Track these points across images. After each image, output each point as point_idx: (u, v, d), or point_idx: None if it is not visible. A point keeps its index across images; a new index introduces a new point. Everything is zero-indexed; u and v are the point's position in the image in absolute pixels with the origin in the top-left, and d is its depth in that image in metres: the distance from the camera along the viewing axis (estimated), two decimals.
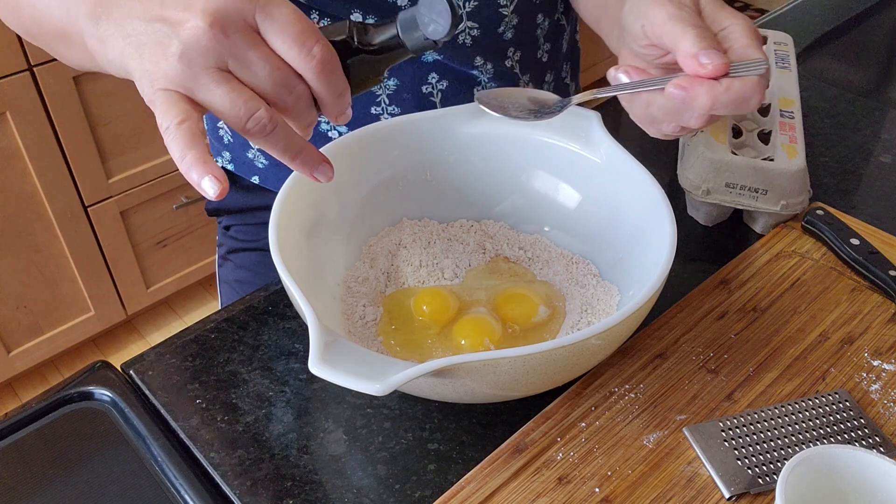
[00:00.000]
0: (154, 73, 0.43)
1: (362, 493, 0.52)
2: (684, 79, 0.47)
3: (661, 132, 0.53)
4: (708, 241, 0.73)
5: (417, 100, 0.75)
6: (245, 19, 0.43)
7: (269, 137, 0.45)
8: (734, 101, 0.46)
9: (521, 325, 0.61)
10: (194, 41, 0.42)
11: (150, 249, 1.76)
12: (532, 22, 0.77)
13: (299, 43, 0.43)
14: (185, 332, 0.64)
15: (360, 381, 0.44)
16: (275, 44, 0.44)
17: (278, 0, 0.43)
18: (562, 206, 0.68)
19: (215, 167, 0.43)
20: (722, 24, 0.49)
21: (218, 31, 0.42)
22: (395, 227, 0.69)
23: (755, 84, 0.46)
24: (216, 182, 0.43)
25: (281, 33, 0.43)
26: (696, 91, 0.47)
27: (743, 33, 0.48)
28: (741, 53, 0.47)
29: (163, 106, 0.43)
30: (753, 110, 0.47)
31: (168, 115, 0.43)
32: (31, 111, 1.44)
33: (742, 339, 0.61)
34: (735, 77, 0.46)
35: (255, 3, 0.43)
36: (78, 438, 0.57)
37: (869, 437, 0.53)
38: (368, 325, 0.61)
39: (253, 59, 0.43)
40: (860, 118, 0.89)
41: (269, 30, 0.43)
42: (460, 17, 0.43)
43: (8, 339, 1.62)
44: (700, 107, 0.47)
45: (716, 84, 0.46)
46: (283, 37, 0.43)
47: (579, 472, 0.52)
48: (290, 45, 0.43)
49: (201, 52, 0.42)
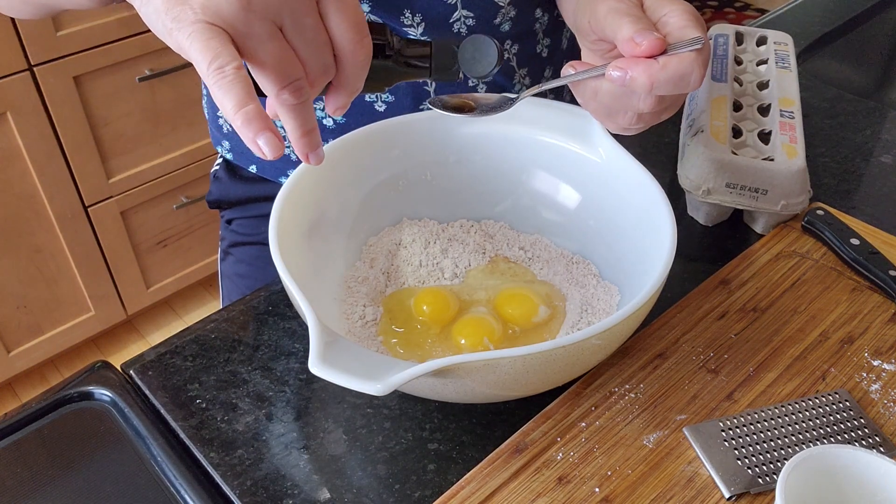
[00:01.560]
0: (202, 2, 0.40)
1: (362, 493, 0.52)
2: (622, 60, 0.49)
3: (619, 125, 0.54)
4: (708, 241, 0.73)
5: (412, 89, 0.75)
6: None
7: (295, 107, 0.44)
8: (672, 77, 0.47)
9: (521, 326, 0.61)
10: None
11: (150, 249, 1.76)
12: (530, 16, 0.77)
13: (356, 29, 0.43)
14: (185, 332, 0.64)
15: (360, 381, 0.44)
16: (333, 20, 0.43)
17: None
18: (562, 206, 0.68)
19: (272, 124, 0.41)
20: (662, 12, 0.50)
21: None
22: (395, 227, 0.69)
23: (692, 60, 0.47)
24: (274, 140, 0.40)
25: (343, 13, 0.43)
26: (634, 70, 0.48)
27: (680, 16, 0.49)
28: (678, 35, 0.49)
29: (211, 44, 0.40)
30: (695, 88, 0.48)
31: (222, 55, 0.39)
32: (31, 111, 1.44)
33: (742, 339, 0.61)
34: (672, 55, 0.47)
35: None
36: (78, 438, 0.57)
37: (869, 437, 0.53)
38: (368, 325, 0.61)
39: (308, 26, 0.42)
40: (860, 118, 0.89)
41: (332, 7, 0.42)
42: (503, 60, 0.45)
43: (8, 339, 1.62)
44: (640, 86, 0.48)
45: (653, 62, 0.47)
46: (345, 18, 0.43)
47: (579, 472, 0.52)
48: (348, 28, 0.43)
49: (266, 1, 0.41)
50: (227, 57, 0.40)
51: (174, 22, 0.41)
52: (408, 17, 0.70)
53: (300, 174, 0.60)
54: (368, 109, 0.76)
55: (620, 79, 0.49)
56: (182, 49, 0.41)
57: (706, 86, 0.79)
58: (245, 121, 0.40)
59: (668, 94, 0.49)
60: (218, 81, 0.40)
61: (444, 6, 0.70)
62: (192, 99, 1.64)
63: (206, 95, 0.85)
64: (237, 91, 0.40)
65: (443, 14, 0.71)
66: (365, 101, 0.75)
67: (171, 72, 1.57)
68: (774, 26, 1.03)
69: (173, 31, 0.41)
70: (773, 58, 0.84)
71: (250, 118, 0.40)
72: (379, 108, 0.75)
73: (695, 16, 0.49)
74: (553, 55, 0.82)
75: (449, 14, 0.71)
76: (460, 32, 0.72)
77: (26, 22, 1.37)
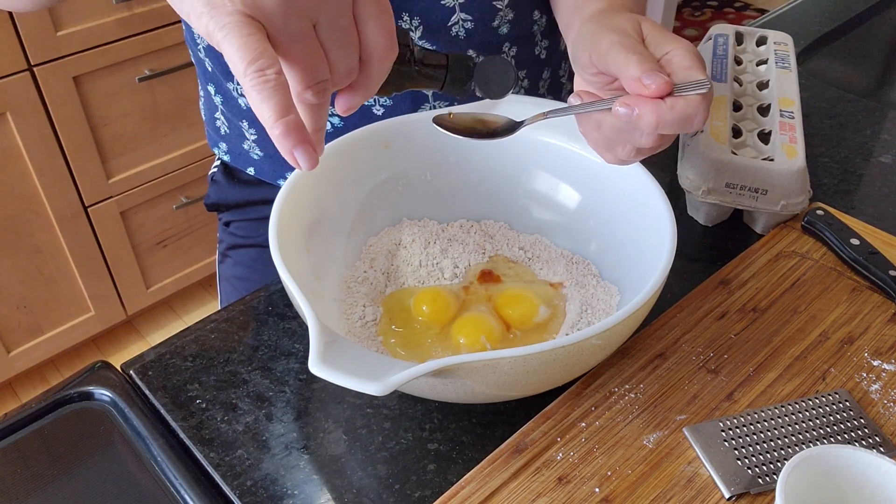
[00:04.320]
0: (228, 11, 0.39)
1: (362, 493, 0.52)
2: (630, 98, 0.49)
3: (616, 157, 0.54)
4: (708, 241, 0.73)
5: (412, 93, 0.75)
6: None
7: (313, 106, 0.44)
8: (679, 119, 0.47)
9: (521, 326, 0.61)
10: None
11: (150, 249, 1.76)
12: (528, 18, 0.77)
13: (389, 34, 0.43)
14: (185, 332, 0.64)
15: (359, 382, 0.44)
16: (368, 24, 0.43)
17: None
18: (562, 206, 0.68)
19: (309, 136, 0.40)
20: (665, 49, 0.50)
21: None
22: (395, 227, 0.69)
23: (698, 103, 0.47)
24: (311, 152, 0.40)
25: (379, 18, 0.42)
26: (641, 109, 0.48)
27: (685, 56, 0.49)
28: (683, 75, 0.48)
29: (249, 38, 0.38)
30: (699, 128, 0.49)
31: (264, 56, 0.38)
32: (31, 111, 1.44)
33: (742, 339, 0.61)
34: (678, 96, 0.48)
35: None
36: (78, 438, 0.57)
37: (869, 437, 0.53)
38: (368, 325, 0.61)
39: (343, 27, 0.42)
40: (860, 118, 0.89)
41: (368, 10, 0.42)
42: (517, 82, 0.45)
43: (8, 339, 1.62)
44: (647, 125, 0.48)
45: (660, 103, 0.47)
46: (380, 23, 0.42)
47: (579, 472, 0.52)
48: (381, 34, 0.43)
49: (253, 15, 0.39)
50: (268, 59, 0.39)
51: (208, 7, 0.39)
52: (406, 20, 0.70)
53: (300, 175, 0.60)
54: (367, 113, 0.76)
55: (627, 115, 0.48)
56: (212, 38, 0.40)
57: None
58: (284, 132, 0.40)
59: (670, 133, 0.49)
60: (258, 85, 0.39)
61: (443, 10, 0.70)
62: (191, 99, 1.64)
63: (203, 97, 0.85)
64: (279, 99, 0.39)
65: (441, 17, 0.71)
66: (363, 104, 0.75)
67: (170, 72, 1.57)
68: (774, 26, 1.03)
69: (204, 16, 0.39)
70: (773, 58, 0.84)
71: (290, 129, 0.40)
72: (377, 112, 0.76)
73: (697, 56, 0.49)
74: (551, 57, 0.82)
75: (447, 17, 0.71)
76: (458, 36, 0.72)
77: (26, 22, 1.37)
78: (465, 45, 0.73)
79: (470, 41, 0.73)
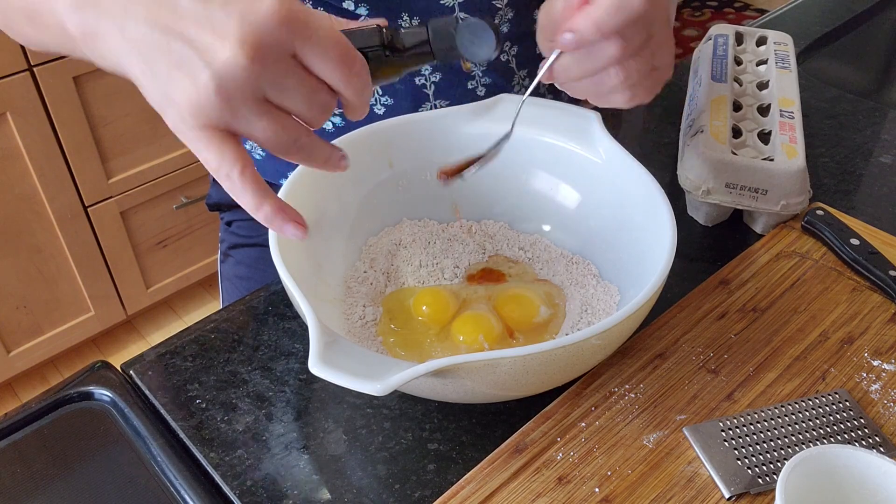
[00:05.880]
0: (186, 106, 0.41)
1: (362, 493, 0.52)
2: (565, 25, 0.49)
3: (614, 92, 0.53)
4: (708, 241, 0.73)
5: (411, 91, 0.75)
6: (283, 47, 0.40)
7: (305, 156, 0.45)
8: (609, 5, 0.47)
9: (521, 326, 0.61)
10: (232, 75, 0.39)
11: (150, 249, 1.76)
12: (529, 17, 0.77)
13: (343, 65, 0.42)
14: (185, 332, 0.64)
15: (359, 381, 0.44)
16: (316, 66, 0.42)
17: (315, 21, 0.41)
18: (562, 206, 0.68)
19: (291, 210, 0.44)
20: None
21: (259, 65, 0.39)
22: (395, 227, 0.69)
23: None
24: (298, 228, 0.44)
25: (324, 57, 0.41)
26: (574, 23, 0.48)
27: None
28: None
29: (212, 151, 0.42)
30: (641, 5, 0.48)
31: (224, 161, 0.42)
32: (31, 111, 1.44)
33: (742, 339, 0.61)
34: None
35: (295, 31, 0.40)
36: (78, 438, 0.57)
37: (869, 437, 0.53)
38: (368, 325, 0.61)
39: (292, 85, 0.41)
40: (860, 118, 0.89)
41: (310, 54, 0.41)
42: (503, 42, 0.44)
43: (8, 339, 1.62)
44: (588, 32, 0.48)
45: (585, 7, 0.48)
46: (327, 60, 0.42)
47: (579, 472, 0.52)
48: (334, 69, 0.42)
49: (240, 87, 0.40)
50: (228, 162, 0.42)
51: (175, 130, 0.43)
52: (406, 20, 0.70)
53: (300, 175, 0.60)
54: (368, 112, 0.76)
55: (571, 40, 0.48)
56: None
57: (706, 86, 0.79)
58: (265, 220, 0.44)
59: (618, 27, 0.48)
60: (229, 188, 0.43)
61: (442, 9, 0.70)
62: None
63: None
64: (248, 195, 0.43)
65: (440, 16, 0.71)
66: None
67: None
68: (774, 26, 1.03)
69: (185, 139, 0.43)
70: (772, 58, 0.84)
71: (269, 217, 0.44)
72: (378, 111, 0.75)
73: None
74: None
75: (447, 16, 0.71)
76: None
77: None
78: None
79: None
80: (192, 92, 0.40)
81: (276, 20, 0.39)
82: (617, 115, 0.94)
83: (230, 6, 0.39)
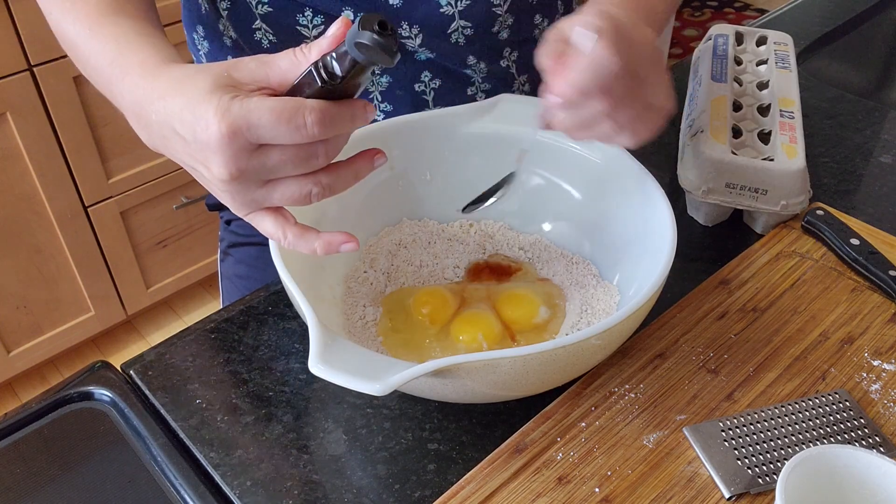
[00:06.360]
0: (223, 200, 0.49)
1: (362, 493, 0.52)
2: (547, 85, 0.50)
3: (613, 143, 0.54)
4: (708, 241, 0.73)
5: (410, 97, 0.75)
6: (248, 151, 0.45)
7: (336, 188, 0.49)
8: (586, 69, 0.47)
9: (521, 327, 0.61)
10: (229, 187, 0.47)
11: (150, 249, 1.76)
12: (530, 23, 0.76)
13: (291, 128, 0.44)
14: (185, 332, 0.64)
15: (360, 381, 0.44)
16: (276, 143, 0.45)
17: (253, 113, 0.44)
18: (562, 206, 0.68)
19: (337, 235, 0.49)
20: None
21: (238, 179, 0.46)
22: (395, 227, 0.69)
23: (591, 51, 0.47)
24: (350, 243, 0.49)
25: (273, 134, 0.44)
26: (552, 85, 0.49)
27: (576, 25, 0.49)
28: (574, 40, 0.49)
29: (259, 225, 0.50)
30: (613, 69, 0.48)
31: (274, 233, 0.49)
32: (31, 111, 1.43)
33: (742, 339, 0.61)
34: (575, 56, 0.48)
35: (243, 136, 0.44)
36: (78, 438, 0.57)
37: (869, 437, 0.53)
38: (368, 325, 0.61)
39: (273, 166, 0.46)
40: (860, 119, 0.89)
41: (265, 139, 0.44)
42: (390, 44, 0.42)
43: (8, 339, 1.62)
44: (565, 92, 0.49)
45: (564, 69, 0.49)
46: (276, 134, 0.44)
47: (579, 472, 0.52)
48: (286, 135, 0.44)
49: (239, 192, 0.47)
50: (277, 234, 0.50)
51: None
52: (405, 28, 0.70)
53: None
54: None
55: (556, 103, 0.50)
56: None
57: (706, 86, 0.79)
58: (292, 246, 0.49)
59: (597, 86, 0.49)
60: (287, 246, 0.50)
61: (442, 17, 0.70)
62: None
63: None
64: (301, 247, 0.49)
65: (440, 25, 0.71)
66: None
67: None
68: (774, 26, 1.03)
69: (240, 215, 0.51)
70: (772, 58, 0.84)
71: (294, 244, 0.49)
72: (378, 118, 0.75)
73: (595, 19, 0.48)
74: None
75: (446, 25, 0.71)
76: (458, 42, 0.72)
77: (26, 22, 1.36)
78: (465, 51, 0.73)
79: (470, 47, 0.73)
80: (216, 192, 0.48)
81: (225, 141, 0.44)
82: None
83: (189, 143, 0.46)
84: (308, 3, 0.69)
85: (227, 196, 0.48)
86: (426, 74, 0.74)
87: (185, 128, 0.45)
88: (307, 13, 0.70)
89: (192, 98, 0.45)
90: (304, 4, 0.70)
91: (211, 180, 0.47)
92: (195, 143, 0.45)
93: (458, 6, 0.70)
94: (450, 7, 0.70)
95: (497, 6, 0.72)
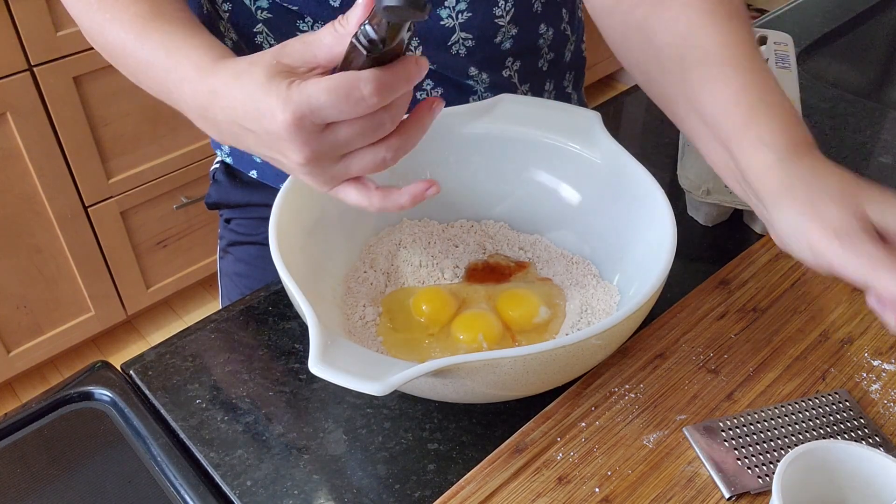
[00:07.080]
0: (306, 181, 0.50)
1: (362, 493, 0.52)
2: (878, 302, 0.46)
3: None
4: (708, 241, 0.73)
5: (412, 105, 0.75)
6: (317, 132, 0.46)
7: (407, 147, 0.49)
8: None
9: (521, 327, 0.61)
10: (308, 169, 0.48)
11: (150, 249, 1.76)
12: (533, 32, 0.76)
13: (351, 103, 0.44)
14: (185, 332, 0.64)
15: (360, 381, 0.44)
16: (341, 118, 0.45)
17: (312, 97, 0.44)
18: (562, 206, 0.68)
19: (419, 185, 0.50)
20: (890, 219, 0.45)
21: (314, 161, 0.47)
22: (395, 227, 0.69)
23: None
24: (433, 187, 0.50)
25: (336, 112, 0.44)
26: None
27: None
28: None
29: (345, 198, 0.51)
30: None
31: (360, 201, 0.51)
32: (31, 111, 1.43)
33: (742, 339, 0.61)
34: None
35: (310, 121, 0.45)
36: (78, 438, 0.57)
37: (869, 437, 0.53)
38: (368, 325, 0.61)
39: (345, 141, 0.46)
40: (860, 119, 0.89)
41: (330, 118, 0.45)
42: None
43: (8, 339, 1.62)
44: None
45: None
46: (339, 111, 0.45)
47: (579, 472, 0.52)
48: (349, 111, 0.45)
49: (319, 171, 0.49)
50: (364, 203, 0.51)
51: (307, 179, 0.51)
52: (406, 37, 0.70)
53: None
54: None
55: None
56: None
57: None
58: (381, 208, 0.50)
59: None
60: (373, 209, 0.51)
61: (442, 30, 0.70)
62: None
63: None
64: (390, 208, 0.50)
65: (441, 37, 0.70)
66: None
67: None
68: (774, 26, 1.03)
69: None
70: (773, 58, 0.84)
71: (383, 206, 0.50)
72: None
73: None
74: (554, 68, 0.82)
75: (447, 37, 0.71)
76: (459, 54, 0.72)
77: (26, 22, 1.36)
78: (466, 62, 0.73)
79: (471, 58, 0.73)
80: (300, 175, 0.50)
81: (294, 129, 0.45)
82: (617, 116, 0.94)
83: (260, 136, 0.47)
84: (306, 12, 0.69)
85: (309, 177, 0.49)
86: (428, 83, 0.74)
87: (253, 123, 0.47)
88: (307, 20, 0.70)
89: (251, 93, 0.46)
90: (301, 14, 0.70)
91: (290, 165, 0.48)
92: (266, 135, 0.46)
93: (458, 19, 0.70)
94: (450, 20, 0.70)
95: (499, 17, 0.72)
